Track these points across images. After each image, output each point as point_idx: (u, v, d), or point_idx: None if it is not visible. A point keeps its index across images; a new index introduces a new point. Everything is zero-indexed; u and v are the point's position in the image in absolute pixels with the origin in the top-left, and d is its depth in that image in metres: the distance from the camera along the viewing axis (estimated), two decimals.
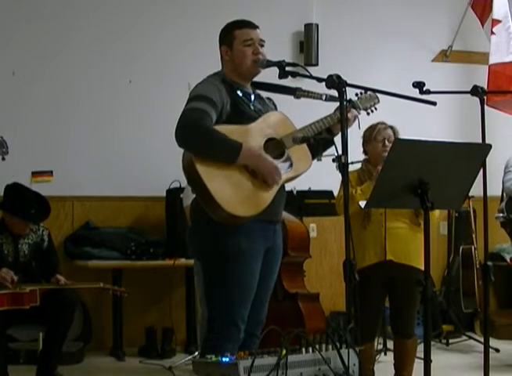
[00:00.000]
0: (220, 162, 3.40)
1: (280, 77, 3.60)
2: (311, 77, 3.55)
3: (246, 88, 3.69)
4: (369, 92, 3.83)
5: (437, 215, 4.59)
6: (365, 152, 4.66)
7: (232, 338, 3.51)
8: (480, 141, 3.78)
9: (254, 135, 3.51)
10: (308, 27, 6.97)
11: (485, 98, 3.97)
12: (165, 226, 6.37)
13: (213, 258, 3.54)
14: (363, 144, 4.64)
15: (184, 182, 5.76)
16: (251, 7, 6.52)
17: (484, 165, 3.56)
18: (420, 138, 3.22)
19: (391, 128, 4.61)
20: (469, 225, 6.85)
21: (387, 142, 4.53)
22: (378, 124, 4.58)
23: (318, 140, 3.61)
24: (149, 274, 6.40)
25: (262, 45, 3.64)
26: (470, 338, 6.63)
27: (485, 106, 3.93)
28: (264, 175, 3.45)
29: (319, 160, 3.78)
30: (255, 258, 3.54)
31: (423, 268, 4.29)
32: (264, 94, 3.81)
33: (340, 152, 3.23)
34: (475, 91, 3.90)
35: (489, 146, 3.37)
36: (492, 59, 6.97)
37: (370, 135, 4.58)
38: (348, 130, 3.38)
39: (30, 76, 6.31)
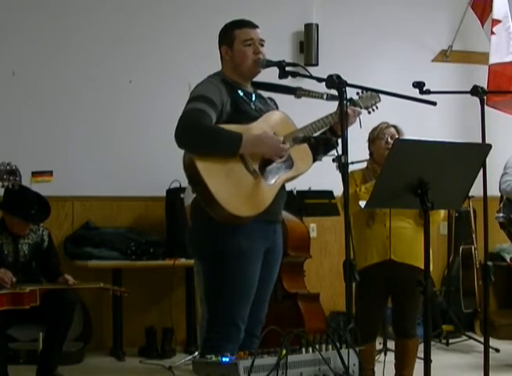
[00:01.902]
0: (222, 157, 3.39)
1: (280, 77, 3.59)
2: (311, 77, 3.55)
3: (247, 88, 3.69)
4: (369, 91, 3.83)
5: (442, 215, 4.59)
6: (370, 153, 4.69)
7: (232, 338, 3.51)
8: (480, 141, 3.78)
9: None
10: (308, 27, 6.97)
11: (485, 98, 3.97)
12: (165, 226, 6.37)
13: (213, 258, 3.54)
14: (369, 146, 4.68)
15: (184, 182, 5.76)
16: (251, 7, 6.52)
17: (484, 165, 3.56)
18: (420, 138, 3.22)
19: (395, 127, 4.64)
20: (469, 225, 6.84)
21: (389, 139, 4.55)
22: (381, 123, 4.63)
23: (318, 140, 3.60)
24: (149, 274, 6.40)
25: (262, 45, 3.64)
26: (470, 338, 6.63)
27: (485, 106, 3.93)
28: (271, 154, 3.45)
29: (320, 160, 3.78)
30: (255, 258, 3.54)
31: None
32: (265, 94, 3.81)
33: (340, 152, 3.23)
34: (475, 91, 3.90)
35: (489, 146, 3.37)
36: (492, 59, 6.97)
37: (373, 135, 4.62)
38: (349, 130, 3.38)
39: (30, 76, 6.32)
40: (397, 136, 4.57)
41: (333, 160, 3.26)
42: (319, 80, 3.42)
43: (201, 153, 3.39)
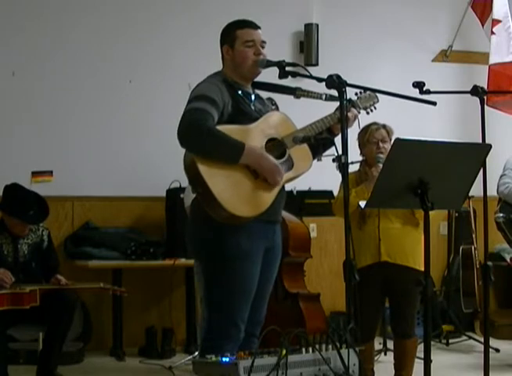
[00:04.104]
0: (222, 162, 3.40)
1: (280, 77, 3.60)
2: (311, 77, 3.56)
3: (247, 89, 3.69)
4: (368, 92, 3.83)
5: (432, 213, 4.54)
6: (362, 154, 4.65)
7: (232, 337, 3.51)
8: (480, 141, 3.79)
9: (255, 135, 3.52)
10: (308, 27, 6.97)
11: (485, 98, 3.97)
12: (165, 226, 6.37)
13: (213, 258, 3.54)
14: (359, 147, 4.63)
15: (184, 182, 5.76)
16: (251, 7, 6.52)
17: (484, 165, 3.56)
18: (420, 138, 3.22)
19: (384, 127, 4.60)
20: (469, 225, 6.84)
21: (380, 143, 4.53)
22: (370, 125, 4.56)
23: (318, 140, 3.61)
24: (149, 274, 6.39)
25: (263, 47, 3.64)
26: (470, 338, 6.62)
27: (485, 106, 3.93)
28: (266, 174, 3.46)
29: (319, 160, 3.78)
30: (255, 258, 3.54)
31: (420, 268, 4.34)
32: (265, 94, 3.81)
33: (340, 152, 3.23)
34: (475, 91, 3.90)
35: (489, 146, 3.37)
36: (492, 59, 6.97)
37: (363, 139, 4.58)
38: (349, 130, 3.38)
39: (30, 76, 6.31)
40: (387, 138, 4.54)
41: (333, 161, 3.26)
42: (319, 80, 3.42)
43: (202, 155, 3.39)
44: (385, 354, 5.96)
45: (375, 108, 3.91)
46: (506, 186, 5.67)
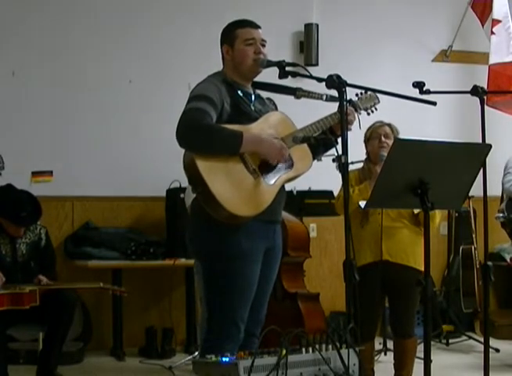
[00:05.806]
0: (223, 156, 3.39)
1: (280, 77, 3.59)
2: (311, 77, 3.55)
3: (247, 88, 3.69)
4: (369, 92, 3.84)
5: (437, 221, 4.53)
6: (366, 153, 4.67)
7: (232, 337, 3.51)
8: (480, 141, 3.79)
9: None
10: (308, 27, 6.97)
11: (485, 98, 3.97)
12: (165, 226, 6.37)
13: (213, 257, 3.54)
14: (365, 145, 4.66)
15: (184, 182, 5.76)
16: (251, 7, 6.53)
17: (484, 165, 3.56)
18: (420, 138, 3.22)
19: (389, 125, 4.62)
20: (469, 225, 6.84)
21: (383, 138, 4.55)
22: (375, 123, 4.60)
23: (318, 140, 3.60)
24: (149, 274, 6.39)
25: (264, 45, 3.64)
26: (470, 338, 6.63)
27: (485, 106, 3.93)
28: (270, 156, 3.45)
29: (319, 160, 3.78)
30: (255, 258, 3.54)
31: (420, 267, 4.34)
32: (264, 94, 3.81)
33: (340, 152, 3.23)
34: (475, 91, 3.90)
35: (489, 146, 3.37)
36: (492, 59, 6.97)
37: (368, 134, 4.61)
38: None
39: (30, 76, 6.31)
40: (391, 135, 4.56)
41: (333, 160, 3.26)
42: (319, 80, 3.41)
43: (202, 152, 3.39)
44: (385, 354, 5.96)
45: (376, 109, 3.91)
46: (511, 184, 5.67)
